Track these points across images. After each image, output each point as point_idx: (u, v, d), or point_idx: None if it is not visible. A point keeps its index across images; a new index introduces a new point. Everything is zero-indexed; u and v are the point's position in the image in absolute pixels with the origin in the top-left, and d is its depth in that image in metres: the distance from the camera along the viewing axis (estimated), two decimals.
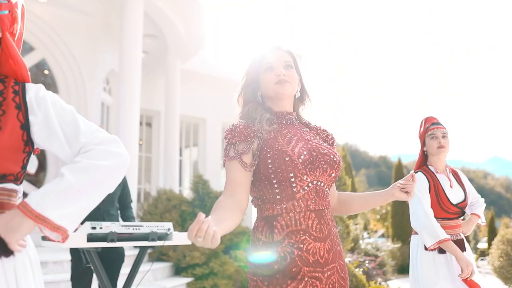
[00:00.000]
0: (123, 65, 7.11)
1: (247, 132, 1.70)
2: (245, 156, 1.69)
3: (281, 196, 1.66)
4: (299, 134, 1.77)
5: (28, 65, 7.78)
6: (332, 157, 1.72)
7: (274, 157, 1.65)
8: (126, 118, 6.99)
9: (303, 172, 1.65)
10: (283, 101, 1.82)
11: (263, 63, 1.82)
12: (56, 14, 7.90)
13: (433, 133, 3.23)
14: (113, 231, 3.63)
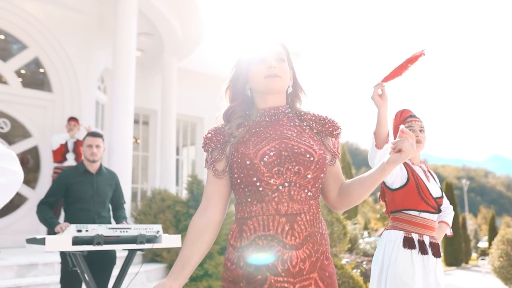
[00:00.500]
0: (116, 63, 7.01)
1: (217, 138, 1.66)
2: (218, 163, 1.66)
3: (251, 199, 1.58)
4: (278, 132, 1.65)
5: (21, 63, 7.74)
6: (309, 157, 1.58)
7: (238, 161, 1.58)
8: (120, 117, 6.88)
9: (268, 176, 1.54)
10: (273, 97, 1.71)
11: (254, 55, 1.72)
12: (49, 11, 7.79)
13: (410, 126, 3.07)
14: (99, 234, 3.53)
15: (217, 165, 1.64)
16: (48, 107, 7.88)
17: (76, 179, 4.04)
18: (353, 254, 9.07)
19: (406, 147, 1.52)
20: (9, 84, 7.56)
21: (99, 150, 4.06)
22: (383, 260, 2.90)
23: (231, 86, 1.76)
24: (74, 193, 4.02)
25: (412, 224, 2.91)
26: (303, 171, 1.57)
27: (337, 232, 6.79)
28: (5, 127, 7.50)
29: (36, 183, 7.69)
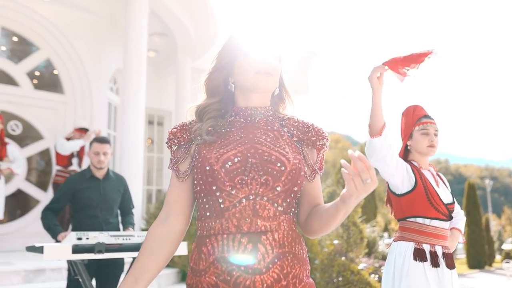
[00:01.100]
0: (128, 64, 6.89)
1: (182, 134, 1.47)
2: (182, 164, 1.47)
3: (210, 213, 1.37)
4: (251, 135, 1.44)
5: (33, 65, 7.68)
6: (279, 166, 1.35)
7: (198, 165, 1.38)
8: (131, 118, 6.77)
9: (230, 185, 1.33)
10: (258, 96, 1.50)
11: (244, 46, 1.50)
12: (60, 12, 7.72)
13: (425, 128, 2.79)
14: (101, 242, 3.38)
15: (180, 166, 1.45)
16: (60, 109, 7.81)
17: (83, 185, 3.91)
18: (371, 258, 8.82)
19: (351, 188, 1.18)
20: (20, 86, 7.51)
21: (106, 157, 3.93)
22: (394, 274, 2.65)
23: (212, 78, 1.54)
24: (81, 200, 3.90)
25: (422, 233, 2.65)
26: (272, 183, 1.35)
27: (354, 237, 6.55)
28: (17, 130, 7.45)
29: (47, 185, 7.62)
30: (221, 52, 1.54)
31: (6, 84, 7.41)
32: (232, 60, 1.51)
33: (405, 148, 2.86)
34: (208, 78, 1.54)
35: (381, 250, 9.93)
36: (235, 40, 1.53)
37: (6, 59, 7.51)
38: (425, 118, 2.83)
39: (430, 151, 2.77)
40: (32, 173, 7.84)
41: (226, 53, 1.52)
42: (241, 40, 1.52)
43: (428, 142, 2.76)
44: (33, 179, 7.88)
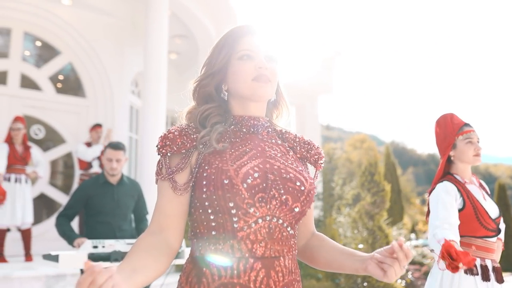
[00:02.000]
0: (148, 67, 6.84)
1: (183, 140, 1.27)
2: (180, 174, 1.26)
3: (217, 232, 1.22)
4: (259, 148, 1.31)
5: (55, 69, 7.70)
6: (299, 185, 1.26)
7: (211, 177, 1.21)
8: (152, 121, 6.71)
9: (249, 203, 1.19)
10: (255, 104, 1.37)
11: (237, 48, 1.35)
12: (81, 16, 7.73)
13: (469, 137, 2.67)
14: (117, 250, 3.31)
15: (177, 177, 1.26)
16: (82, 113, 7.82)
17: (96, 191, 3.85)
18: None
19: (392, 275, 1.19)
20: (43, 90, 7.54)
21: (119, 164, 3.85)
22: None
23: (202, 86, 1.38)
24: (94, 206, 3.83)
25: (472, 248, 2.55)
26: (291, 203, 1.24)
27: (379, 242, 6.36)
28: (39, 134, 7.48)
29: (70, 189, 7.63)
30: (212, 57, 1.39)
31: (29, 89, 7.45)
32: (225, 66, 1.36)
33: (447, 158, 2.74)
34: (198, 86, 1.39)
35: None
36: (226, 42, 1.37)
37: (29, 63, 7.56)
38: (466, 126, 2.72)
39: (476, 160, 2.68)
40: (55, 176, 7.88)
41: (217, 58, 1.37)
42: (234, 42, 1.36)
43: (474, 151, 2.67)
44: (56, 182, 7.92)
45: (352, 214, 7.79)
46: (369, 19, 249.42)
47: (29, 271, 5.10)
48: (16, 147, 6.21)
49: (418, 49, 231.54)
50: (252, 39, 1.36)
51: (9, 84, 7.27)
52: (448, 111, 2.87)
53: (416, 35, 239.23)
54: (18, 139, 6.20)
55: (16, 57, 7.37)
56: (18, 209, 6.05)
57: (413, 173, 60.78)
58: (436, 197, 2.56)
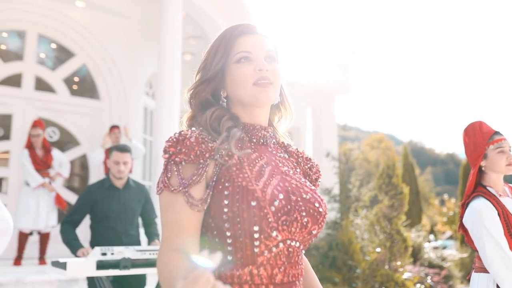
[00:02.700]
0: (162, 68, 6.78)
1: (201, 148, 1.11)
2: (196, 188, 1.10)
3: (234, 258, 1.10)
4: (273, 163, 1.21)
5: (69, 71, 7.68)
6: (317, 207, 1.17)
7: (235, 197, 1.08)
8: (165, 122, 6.65)
9: (273, 227, 1.09)
10: (260, 110, 1.26)
11: (234, 50, 1.23)
12: (95, 18, 7.70)
13: (500, 146, 2.53)
14: (126, 257, 3.23)
15: (193, 190, 1.09)
16: (96, 115, 7.79)
17: (102, 195, 3.77)
18: (417, 265, 8.40)
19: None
20: (57, 93, 7.52)
21: (126, 167, 3.77)
22: None
23: (197, 93, 1.27)
24: (100, 211, 3.76)
25: None
26: (310, 225, 1.15)
27: (397, 246, 6.19)
28: (54, 136, 7.47)
29: (80, 188, 7.60)
30: (206, 61, 1.28)
31: (43, 91, 7.44)
32: (221, 71, 1.25)
33: (479, 169, 2.61)
34: (193, 94, 1.27)
35: (426, 257, 9.45)
36: (221, 44, 1.26)
37: (43, 66, 7.55)
38: (496, 135, 2.58)
39: (509, 170, 2.55)
40: (70, 179, 7.85)
41: (211, 63, 1.26)
42: (229, 43, 1.25)
43: (506, 160, 2.54)
44: (72, 185, 7.90)
45: (369, 216, 7.63)
46: (386, 18, 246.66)
47: (42, 275, 5.06)
48: (36, 151, 6.27)
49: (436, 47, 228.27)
50: (249, 39, 1.25)
51: (24, 87, 7.26)
52: (475, 117, 2.74)
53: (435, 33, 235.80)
54: (38, 144, 6.31)
55: (30, 59, 7.36)
56: (42, 213, 6.07)
57: (431, 173, 60.02)
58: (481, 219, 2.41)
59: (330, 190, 9.04)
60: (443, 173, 65.10)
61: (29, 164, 6.16)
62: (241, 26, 1.27)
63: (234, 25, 1.27)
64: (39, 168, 6.24)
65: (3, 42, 7.51)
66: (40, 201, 6.12)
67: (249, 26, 1.27)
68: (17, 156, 6.87)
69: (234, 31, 1.25)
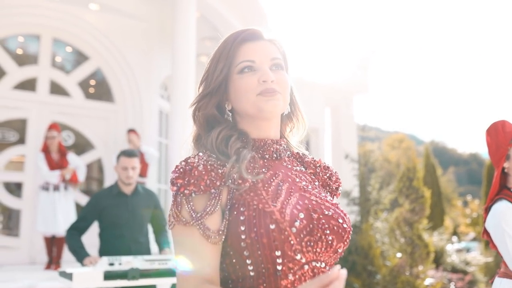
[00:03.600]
0: (176, 70, 6.69)
1: (211, 177, 1.02)
2: (210, 218, 1.01)
3: (256, 283, 1.02)
4: (290, 179, 1.11)
5: (84, 74, 7.63)
6: (341, 223, 1.07)
7: (251, 222, 0.99)
8: (180, 125, 6.56)
9: (297, 249, 1.00)
10: (268, 123, 1.15)
11: (236, 59, 1.14)
12: (109, 21, 7.64)
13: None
14: (135, 268, 3.11)
15: (208, 222, 1.01)
16: (111, 118, 7.73)
17: (110, 202, 3.67)
18: (439, 270, 8.14)
19: None
20: (72, 96, 7.48)
21: (134, 172, 3.67)
22: None
23: (200, 108, 1.17)
24: (108, 218, 3.65)
25: None
26: (336, 243, 1.05)
27: (419, 251, 5.98)
28: (68, 140, 7.44)
29: (92, 192, 7.55)
30: (208, 73, 1.17)
31: (58, 95, 7.41)
32: (224, 82, 1.15)
33: (502, 172, 2.43)
34: (197, 108, 1.18)
35: (450, 261, 9.17)
36: (222, 54, 1.16)
37: (58, 69, 7.52)
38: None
39: None
40: (86, 182, 7.81)
41: (213, 75, 1.15)
42: (230, 52, 1.14)
43: None
44: (88, 189, 7.86)
45: (390, 220, 7.42)
46: (407, 15, 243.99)
47: (54, 282, 4.98)
48: (52, 155, 6.25)
49: (459, 44, 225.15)
50: (252, 46, 1.15)
51: (39, 91, 7.24)
52: (499, 116, 2.55)
53: (458, 30, 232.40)
54: (53, 147, 6.28)
55: (45, 63, 7.34)
56: (59, 217, 6.03)
57: (454, 173, 59.07)
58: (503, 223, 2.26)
59: (349, 192, 8.85)
60: (466, 173, 64.05)
61: (44, 165, 6.14)
62: (244, 32, 1.17)
63: (237, 32, 1.18)
64: (53, 170, 6.21)
65: (19, 46, 7.50)
66: (56, 205, 6.09)
67: (252, 32, 1.17)
68: (32, 161, 6.85)
69: (236, 38, 1.16)
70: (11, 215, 7.31)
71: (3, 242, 6.84)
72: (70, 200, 6.35)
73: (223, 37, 1.21)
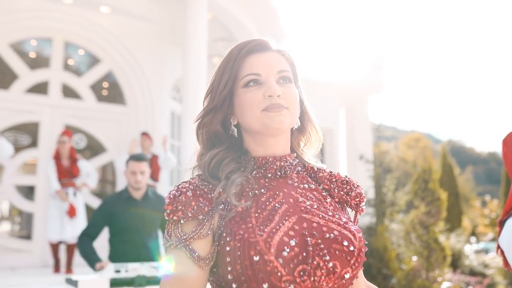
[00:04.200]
0: (187, 72, 6.66)
1: (198, 203, 0.99)
2: (198, 243, 0.97)
3: None
4: (291, 199, 1.03)
5: (95, 77, 7.63)
6: (347, 245, 0.97)
7: (236, 253, 0.94)
8: (191, 127, 6.50)
9: (288, 280, 0.91)
10: (275, 139, 1.09)
11: (241, 72, 1.07)
12: (120, 23, 7.64)
13: None
14: (141, 275, 3.06)
15: (195, 245, 0.97)
16: (122, 121, 7.72)
17: (120, 207, 3.64)
18: (457, 273, 7.98)
19: None
20: (84, 100, 7.49)
21: (144, 176, 3.62)
22: None
23: (205, 124, 1.11)
24: (117, 223, 3.62)
25: None
26: (340, 269, 0.97)
27: (435, 255, 5.84)
28: (81, 143, 7.44)
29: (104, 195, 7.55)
30: (213, 86, 1.10)
31: (70, 98, 7.42)
32: (229, 96, 1.08)
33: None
34: (201, 124, 1.12)
35: (468, 263, 8.99)
36: (227, 67, 1.08)
37: (69, 72, 7.52)
38: None
39: None
40: (101, 185, 7.82)
41: (217, 88, 1.09)
42: (235, 64, 1.07)
43: None
44: (103, 191, 7.87)
45: (405, 222, 7.29)
46: (422, 13, 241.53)
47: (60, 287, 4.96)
48: (62, 161, 6.24)
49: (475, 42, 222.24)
50: (259, 59, 1.08)
51: (51, 94, 7.25)
52: None
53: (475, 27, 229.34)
54: (64, 153, 6.28)
55: (57, 66, 7.35)
56: (67, 224, 6.02)
57: (472, 173, 58.28)
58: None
59: (364, 194, 8.72)
60: (484, 173, 63.13)
61: (52, 172, 6.15)
62: (250, 43, 1.10)
63: (242, 42, 1.12)
64: (63, 177, 6.19)
65: (32, 50, 7.53)
66: (64, 212, 6.08)
67: (259, 43, 1.10)
68: (44, 165, 6.86)
69: (241, 49, 1.09)
70: (24, 218, 7.35)
71: (16, 245, 6.86)
72: (80, 205, 6.33)
73: (235, 38, 1.14)
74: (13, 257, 6.65)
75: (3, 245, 6.72)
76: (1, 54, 7.02)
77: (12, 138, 7.00)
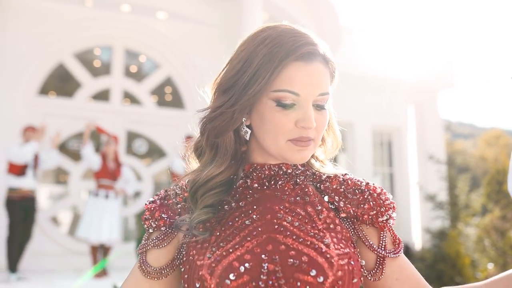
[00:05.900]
0: None
1: (162, 214, 0.93)
2: (153, 252, 0.91)
3: None
4: (269, 215, 0.87)
5: (155, 83, 7.72)
6: (314, 276, 0.78)
7: (184, 276, 0.86)
8: None
9: None
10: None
11: (279, 81, 0.85)
12: (177, 28, 7.68)
13: None
14: None
15: (149, 255, 0.92)
16: (181, 125, 7.74)
17: None
18: None
19: None
20: (144, 105, 7.59)
21: None
22: None
23: (216, 127, 0.92)
24: None
25: None
26: None
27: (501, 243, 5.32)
28: (141, 148, 7.54)
29: None
30: (237, 76, 0.90)
31: (131, 104, 7.55)
32: (254, 99, 0.87)
33: None
34: (209, 124, 0.94)
35: None
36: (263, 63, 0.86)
37: (129, 79, 7.66)
38: None
39: None
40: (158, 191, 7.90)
41: (247, 84, 0.87)
42: (273, 66, 0.85)
43: None
44: None
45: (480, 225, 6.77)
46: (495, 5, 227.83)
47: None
48: (108, 163, 6.32)
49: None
50: (302, 72, 0.85)
51: (112, 101, 7.42)
52: None
53: None
54: (110, 155, 6.34)
55: (117, 73, 7.50)
56: (105, 225, 6.08)
57: None
58: None
59: (433, 196, 8.22)
60: None
61: (95, 156, 6.22)
62: (300, 49, 0.85)
63: (292, 41, 0.86)
64: (106, 177, 6.26)
65: (95, 58, 7.75)
66: (103, 213, 6.12)
67: (309, 51, 0.86)
68: None
69: (289, 53, 0.85)
70: None
71: None
72: (117, 209, 6.35)
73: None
74: None
75: None
76: (65, 64, 7.26)
77: (76, 145, 7.21)
